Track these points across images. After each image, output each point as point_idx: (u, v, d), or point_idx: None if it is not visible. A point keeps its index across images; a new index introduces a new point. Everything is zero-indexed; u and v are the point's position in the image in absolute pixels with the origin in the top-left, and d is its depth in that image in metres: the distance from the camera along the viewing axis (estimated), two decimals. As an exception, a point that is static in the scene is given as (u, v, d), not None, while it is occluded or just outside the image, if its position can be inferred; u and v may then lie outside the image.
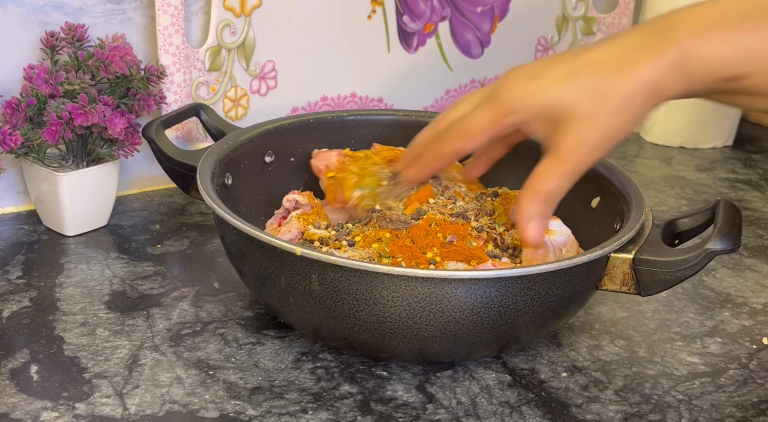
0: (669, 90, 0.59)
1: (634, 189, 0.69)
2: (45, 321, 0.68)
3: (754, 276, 0.79)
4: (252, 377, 0.62)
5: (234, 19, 0.87)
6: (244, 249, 0.63)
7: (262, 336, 0.67)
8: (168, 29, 0.83)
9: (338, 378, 0.63)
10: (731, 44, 0.59)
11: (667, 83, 0.59)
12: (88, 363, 0.63)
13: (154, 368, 0.63)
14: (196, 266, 0.77)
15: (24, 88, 0.77)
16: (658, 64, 0.59)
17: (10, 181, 0.84)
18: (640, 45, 0.60)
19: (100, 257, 0.77)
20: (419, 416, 0.59)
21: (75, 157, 0.80)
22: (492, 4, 1.02)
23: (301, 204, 0.73)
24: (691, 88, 0.60)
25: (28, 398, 0.59)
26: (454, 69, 1.02)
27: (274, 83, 0.92)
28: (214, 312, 0.70)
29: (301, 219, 0.70)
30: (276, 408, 0.59)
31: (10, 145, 0.75)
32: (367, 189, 0.72)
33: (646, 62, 0.59)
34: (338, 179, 0.75)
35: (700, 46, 0.59)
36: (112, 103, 0.78)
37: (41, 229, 0.81)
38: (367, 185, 0.72)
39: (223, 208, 0.63)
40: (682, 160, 1.06)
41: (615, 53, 0.60)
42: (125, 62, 0.78)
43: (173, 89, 0.85)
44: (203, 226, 0.84)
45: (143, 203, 0.88)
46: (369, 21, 0.95)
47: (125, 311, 0.69)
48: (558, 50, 1.08)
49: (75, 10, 0.81)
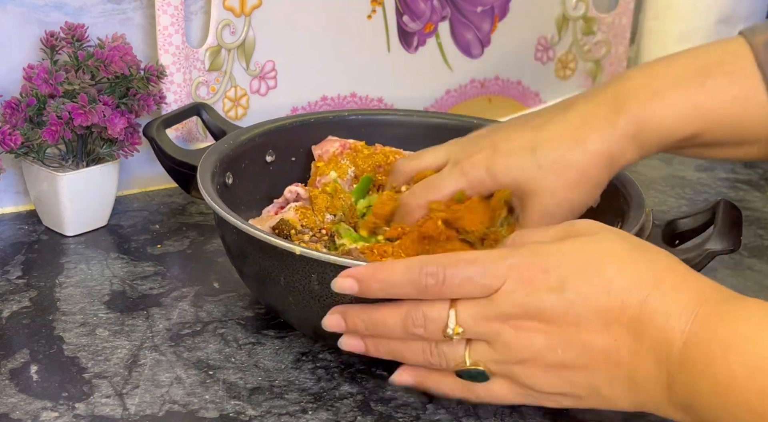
0: (624, 158, 0.62)
1: (634, 189, 0.69)
2: (45, 321, 0.68)
3: (754, 276, 0.79)
4: (252, 377, 0.62)
5: (234, 18, 0.87)
6: (244, 248, 0.63)
7: (262, 336, 0.67)
8: (168, 29, 0.83)
9: (338, 378, 0.63)
10: (681, 107, 0.61)
11: (622, 153, 0.62)
12: (88, 363, 0.63)
13: (154, 368, 0.63)
14: (196, 266, 0.77)
15: (24, 88, 0.77)
16: (611, 137, 0.61)
17: (10, 181, 0.84)
18: (592, 117, 0.62)
19: (100, 257, 0.77)
20: (419, 416, 0.59)
21: (75, 157, 0.80)
22: (492, 4, 1.02)
23: (301, 197, 0.73)
24: (647, 153, 0.63)
25: (28, 398, 0.59)
26: (454, 69, 1.02)
27: (274, 83, 0.92)
28: (214, 312, 0.70)
29: (299, 212, 0.71)
30: (276, 408, 0.59)
31: (9, 145, 0.75)
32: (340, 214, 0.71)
33: (599, 136, 0.61)
34: (319, 169, 0.76)
35: (651, 114, 0.61)
36: (112, 103, 0.78)
37: (41, 229, 0.81)
38: (340, 210, 0.72)
39: (224, 208, 0.63)
40: (682, 160, 1.06)
41: (570, 127, 0.63)
42: (125, 62, 0.78)
43: (173, 89, 0.85)
44: (203, 226, 0.84)
45: (143, 203, 0.88)
46: (369, 21, 0.95)
47: (125, 311, 0.69)
48: (558, 50, 1.08)
49: (75, 10, 0.81)
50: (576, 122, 0.62)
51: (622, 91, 0.62)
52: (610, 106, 0.62)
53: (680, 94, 0.61)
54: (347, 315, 0.57)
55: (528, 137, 0.64)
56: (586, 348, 0.51)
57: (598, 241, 0.53)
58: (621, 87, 0.62)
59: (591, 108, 0.63)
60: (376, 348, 0.57)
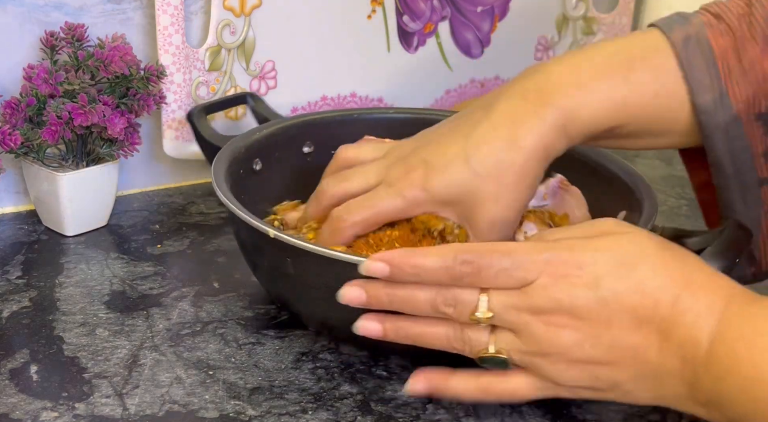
0: (555, 150, 0.62)
1: (651, 202, 0.69)
2: (45, 321, 0.68)
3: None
4: (252, 377, 0.62)
5: (234, 18, 0.87)
6: (257, 243, 0.64)
7: (262, 336, 0.67)
8: (168, 29, 0.83)
9: (338, 378, 0.63)
10: (606, 100, 0.61)
11: (553, 145, 0.62)
12: (88, 363, 0.63)
13: (154, 368, 0.63)
14: (196, 266, 0.77)
15: (24, 88, 0.77)
16: (541, 130, 0.61)
17: (10, 181, 0.84)
18: (519, 114, 0.61)
19: (99, 257, 0.77)
20: (419, 416, 0.59)
21: (75, 157, 0.80)
22: (492, 4, 1.02)
23: None
24: (573, 143, 0.62)
25: (28, 398, 0.59)
26: (454, 69, 1.02)
27: (274, 83, 0.92)
28: (214, 312, 0.70)
29: None
30: (276, 408, 0.59)
31: (9, 145, 0.75)
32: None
33: (530, 132, 0.61)
34: None
35: (577, 106, 0.61)
36: (112, 103, 0.78)
37: (41, 229, 0.81)
38: None
39: (226, 193, 0.65)
40: (682, 160, 1.06)
41: (498, 127, 0.62)
42: (125, 62, 0.78)
43: (173, 89, 0.85)
44: (203, 226, 0.84)
45: (143, 203, 0.88)
46: (369, 21, 0.95)
47: (125, 311, 0.69)
48: (558, 50, 1.08)
49: (75, 10, 0.81)
50: (503, 122, 0.62)
51: (547, 84, 0.62)
52: (536, 100, 0.61)
53: (605, 88, 0.61)
54: (369, 288, 0.56)
55: (459, 146, 0.62)
56: (615, 346, 0.52)
57: (630, 240, 0.53)
58: (544, 80, 0.62)
59: (515, 105, 0.62)
60: (396, 331, 0.56)
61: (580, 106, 0.61)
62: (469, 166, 0.61)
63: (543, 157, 0.61)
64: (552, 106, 0.61)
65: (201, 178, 0.93)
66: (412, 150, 0.65)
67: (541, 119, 0.61)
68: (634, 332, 0.51)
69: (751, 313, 0.50)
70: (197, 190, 0.91)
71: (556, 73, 0.62)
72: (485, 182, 0.61)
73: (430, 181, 0.62)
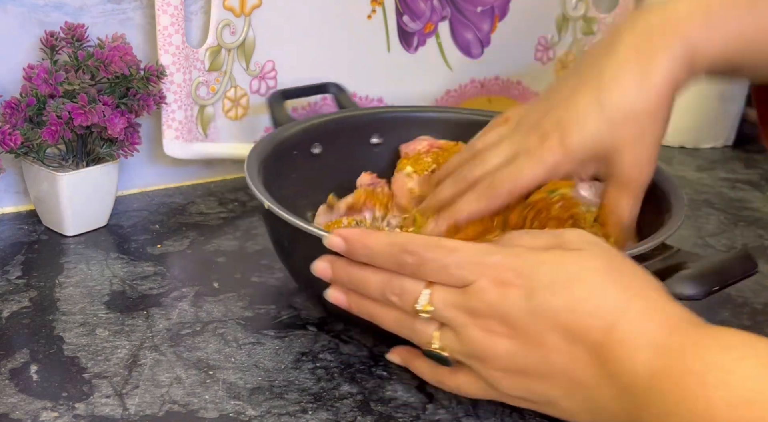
0: (682, 83, 0.61)
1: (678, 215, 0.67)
2: (45, 321, 0.68)
3: (755, 277, 0.79)
4: (252, 377, 0.62)
5: (234, 18, 0.87)
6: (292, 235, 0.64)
7: (262, 336, 0.67)
8: (168, 29, 0.83)
9: (338, 378, 0.63)
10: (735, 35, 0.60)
11: (680, 78, 0.61)
12: (88, 363, 0.63)
13: (154, 368, 0.63)
14: (196, 266, 0.77)
15: (24, 88, 0.77)
16: (671, 66, 0.60)
17: (10, 181, 0.84)
18: (647, 48, 0.60)
19: (99, 257, 0.77)
20: (419, 416, 0.59)
21: (75, 156, 0.80)
22: (492, 4, 1.02)
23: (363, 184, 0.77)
24: (695, 78, 0.61)
25: (28, 398, 0.59)
26: (454, 69, 1.02)
27: (274, 83, 0.92)
28: (214, 313, 0.70)
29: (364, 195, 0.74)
30: (276, 408, 0.59)
31: (9, 145, 0.75)
32: None
33: (660, 66, 0.60)
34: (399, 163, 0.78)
35: (706, 39, 0.60)
36: (112, 103, 0.78)
37: (41, 229, 0.81)
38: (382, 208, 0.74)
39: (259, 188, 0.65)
40: (682, 160, 1.06)
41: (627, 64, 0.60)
42: (125, 62, 0.78)
43: (173, 89, 0.85)
44: (203, 226, 0.84)
45: (143, 203, 0.88)
46: (369, 21, 0.95)
47: (125, 311, 0.69)
48: (558, 50, 1.08)
49: (75, 10, 0.81)
50: (630, 56, 0.60)
51: (672, 16, 0.60)
52: (663, 33, 0.60)
53: (734, 22, 0.60)
54: (334, 265, 0.58)
55: (591, 95, 0.61)
56: (547, 362, 0.50)
57: (578, 258, 0.51)
58: (669, 13, 0.61)
59: (641, 39, 0.60)
60: (358, 306, 0.58)
61: (708, 39, 0.60)
62: (604, 115, 0.61)
63: (673, 93, 0.60)
64: (681, 38, 0.59)
65: (201, 178, 0.93)
66: (543, 113, 0.65)
67: (670, 53, 0.59)
68: (565, 351, 0.50)
69: (700, 344, 0.47)
70: (197, 189, 0.92)
71: (682, 5, 0.61)
72: (622, 129, 0.61)
73: (567, 142, 0.62)
